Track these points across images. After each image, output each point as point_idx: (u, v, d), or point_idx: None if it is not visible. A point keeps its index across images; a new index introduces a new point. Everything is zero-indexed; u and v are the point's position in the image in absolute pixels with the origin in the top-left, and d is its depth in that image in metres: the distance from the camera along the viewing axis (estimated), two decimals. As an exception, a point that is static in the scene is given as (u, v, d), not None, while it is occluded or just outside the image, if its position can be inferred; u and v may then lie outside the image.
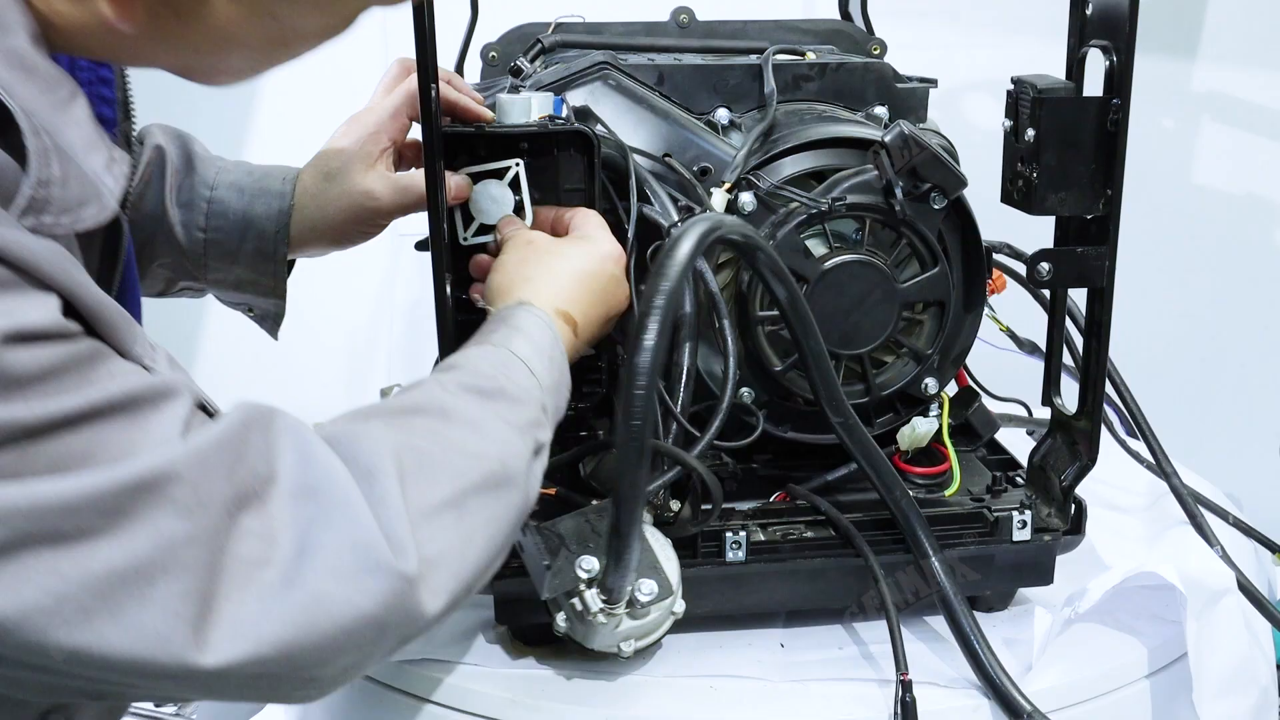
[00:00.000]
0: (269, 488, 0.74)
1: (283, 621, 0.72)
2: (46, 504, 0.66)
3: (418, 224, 1.21)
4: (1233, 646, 1.17)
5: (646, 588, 1.00)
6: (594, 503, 1.09)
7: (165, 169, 1.22)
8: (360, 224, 1.22)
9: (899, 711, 1.05)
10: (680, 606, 1.04)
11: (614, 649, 1.04)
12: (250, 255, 1.22)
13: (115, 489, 0.67)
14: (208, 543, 0.71)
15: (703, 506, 1.11)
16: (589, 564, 1.00)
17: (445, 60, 1.21)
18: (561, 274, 1.04)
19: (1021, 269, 1.30)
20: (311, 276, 1.37)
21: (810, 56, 1.31)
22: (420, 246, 1.27)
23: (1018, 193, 1.14)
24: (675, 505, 1.10)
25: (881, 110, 1.28)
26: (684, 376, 1.08)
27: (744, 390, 1.18)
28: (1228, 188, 2.41)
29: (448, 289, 1.06)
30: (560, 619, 1.04)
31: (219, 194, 1.22)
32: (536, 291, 1.03)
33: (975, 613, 1.12)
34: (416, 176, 1.20)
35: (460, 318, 1.08)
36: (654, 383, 0.93)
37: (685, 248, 0.96)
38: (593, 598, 1.00)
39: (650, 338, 0.93)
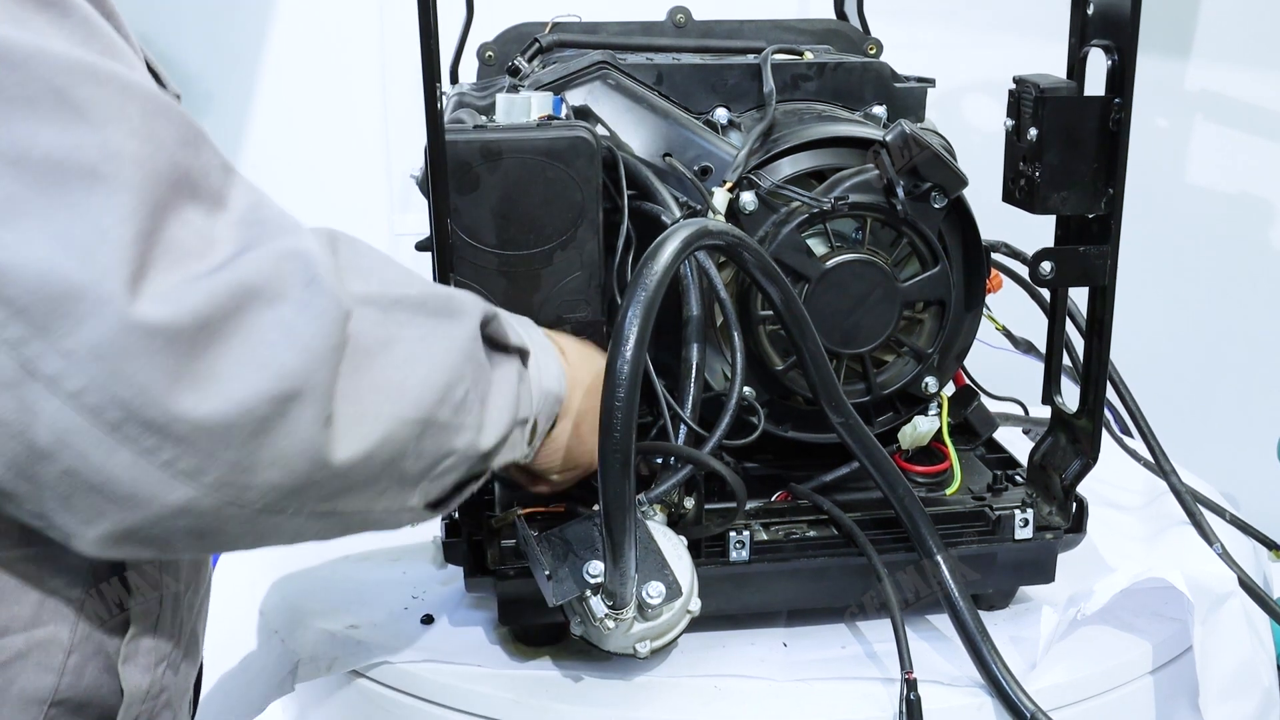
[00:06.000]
0: (218, 208, 0.73)
1: (208, 295, 0.69)
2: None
3: (417, 225, 1.21)
4: (1236, 649, 1.17)
5: (654, 590, 1.00)
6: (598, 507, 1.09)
7: None
8: None
9: (904, 710, 1.04)
10: (696, 605, 1.04)
11: (630, 650, 1.03)
12: None
13: (70, 66, 0.67)
14: (152, 182, 0.69)
15: (711, 506, 1.11)
16: (595, 569, 0.99)
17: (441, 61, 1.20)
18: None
19: (1019, 268, 1.31)
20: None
21: (808, 56, 1.31)
22: (421, 247, 1.26)
23: (1020, 192, 1.14)
24: (690, 504, 1.10)
25: (880, 110, 1.28)
26: (692, 374, 1.08)
27: (745, 389, 1.18)
28: (1222, 187, 2.42)
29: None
30: (575, 623, 1.04)
31: None
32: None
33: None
34: None
35: None
36: (635, 392, 0.92)
37: (666, 255, 0.95)
38: (598, 603, 0.99)
39: (630, 347, 0.92)
